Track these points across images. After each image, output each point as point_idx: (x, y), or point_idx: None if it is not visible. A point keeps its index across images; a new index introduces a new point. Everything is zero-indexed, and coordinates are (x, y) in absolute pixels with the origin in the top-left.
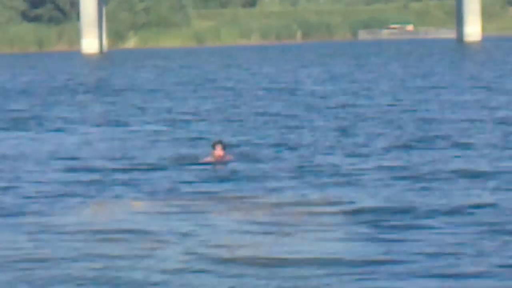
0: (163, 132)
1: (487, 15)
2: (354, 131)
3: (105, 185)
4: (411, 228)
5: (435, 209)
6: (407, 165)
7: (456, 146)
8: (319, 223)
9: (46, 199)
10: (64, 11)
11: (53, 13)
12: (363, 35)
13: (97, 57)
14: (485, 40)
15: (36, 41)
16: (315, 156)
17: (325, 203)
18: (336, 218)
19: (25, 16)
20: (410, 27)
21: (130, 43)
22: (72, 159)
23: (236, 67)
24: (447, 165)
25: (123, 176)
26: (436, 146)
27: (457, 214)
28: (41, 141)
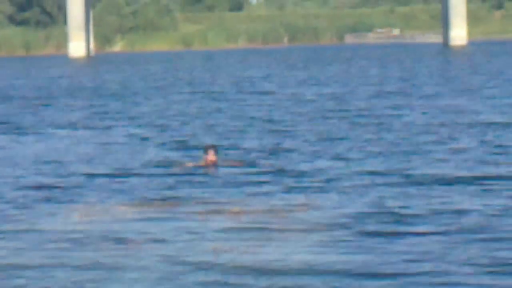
0: (147, 136)
1: (473, 19)
2: (337, 135)
3: (86, 190)
4: (394, 234)
5: (419, 214)
6: (390, 170)
7: (437, 151)
8: (301, 229)
9: (25, 204)
10: (51, 14)
11: (40, 16)
12: (349, 39)
13: (84, 60)
14: (471, 44)
15: (23, 44)
16: (298, 161)
17: (308, 208)
18: (318, 224)
19: (12, 19)
20: (396, 31)
21: (117, 47)
22: (54, 163)
23: (222, 70)
24: (429, 170)
25: (108, 181)
26: (418, 151)
27: (440, 219)
28: (22, 145)
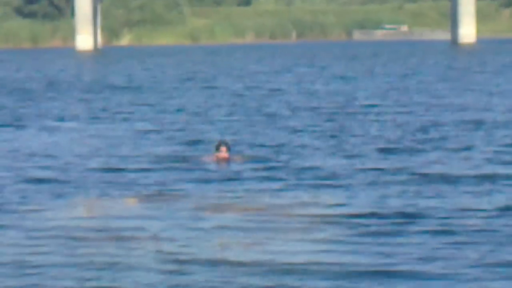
0: (153, 130)
1: (482, 17)
2: (343, 132)
3: (90, 184)
4: (401, 233)
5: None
6: (396, 168)
7: (443, 149)
8: (306, 227)
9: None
10: (59, 7)
11: (47, 9)
12: (357, 35)
13: (91, 53)
14: (479, 42)
15: (31, 37)
16: (305, 157)
17: (312, 206)
18: (325, 222)
19: (19, 12)
20: (404, 28)
21: (125, 40)
22: (57, 156)
23: (229, 66)
24: (435, 168)
25: (113, 175)
26: (424, 149)
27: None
28: (26, 137)
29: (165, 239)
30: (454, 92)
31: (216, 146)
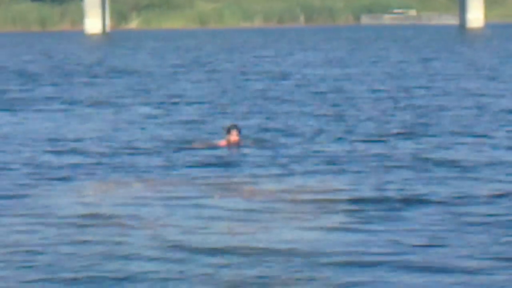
0: (161, 115)
1: (490, 1)
2: (350, 117)
3: (100, 168)
4: (404, 219)
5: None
6: (400, 153)
7: (449, 134)
8: (309, 213)
9: (35, 181)
10: None
11: None
12: (365, 20)
13: (99, 37)
14: (487, 26)
15: (39, 20)
16: (310, 142)
17: (318, 191)
18: (328, 208)
19: None
20: (413, 12)
21: (133, 24)
22: (64, 140)
23: (236, 50)
24: (441, 154)
25: (122, 160)
26: (429, 134)
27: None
28: (34, 121)
29: (170, 224)
30: (460, 76)
31: (227, 129)
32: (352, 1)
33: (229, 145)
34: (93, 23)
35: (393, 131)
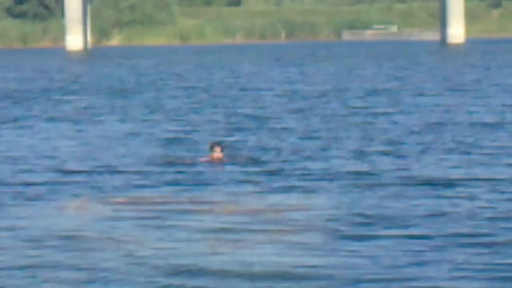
0: (142, 131)
1: (470, 17)
2: (329, 134)
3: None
4: (372, 238)
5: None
6: (372, 170)
7: (429, 151)
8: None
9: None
10: (49, 7)
11: (37, 9)
12: (347, 35)
13: (81, 54)
14: (468, 42)
15: (21, 37)
16: (292, 159)
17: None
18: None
19: (9, 12)
20: (394, 28)
21: (115, 41)
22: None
23: (217, 66)
24: (419, 171)
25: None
26: (403, 152)
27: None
28: (13, 139)
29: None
30: (441, 92)
31: (210, 146)
32: (334, 17)
33: (212, 162)
34: (75, 39)
35: (372, 148)
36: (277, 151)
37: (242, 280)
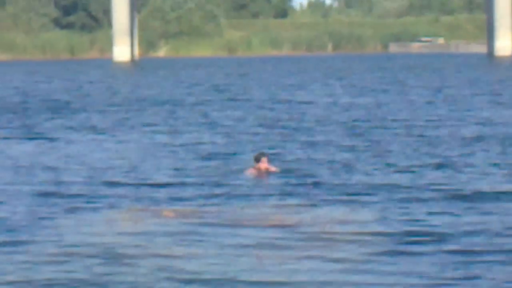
0: (189, 143)
1: None
2: (366, 146)
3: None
4: (417, 253)
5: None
6: (419, 184)
7: (469, 164)
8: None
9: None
10: (97, 18)
11: (85, 20)
12: (394, 48)
13: (128, 65)
14: None
15: (68, 48)
16: (333, 172)
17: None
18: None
19: (57, 23)
20: (441, 40)
21: (162, 52)
22: (82, 169)
23: (264, 78)
24: (459, 185)
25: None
26: (449, 165)
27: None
28: (55, 150)
29: (190, 256)
30: (488, 105)
31: (256, 157)
32: (381, 29)
33: (259, 173)
34: (122, 51)
35: (418, 161)
36: (321, 163)
37: None
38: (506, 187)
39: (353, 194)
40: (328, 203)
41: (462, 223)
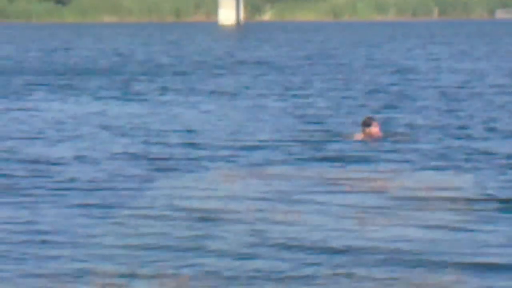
0: (291, 107)
1: None
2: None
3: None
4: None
5: None
6: None
7: None
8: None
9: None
10: None
11: None
12: (500, 14)
13: (233, 28)
14: None
15: (174, 10)
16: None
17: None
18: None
19: None
20: None
21: (267, 16)
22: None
23: (367, 43)
24: None
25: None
26: None
27: None
28: (155, 111)
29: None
30: None
31: (365, 122)
32: None
33: (368, 139)
34: (227, 14)
35: None
36: (423, 128)
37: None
38: None
39: (454, 159)
40: (429, 168)
41: None
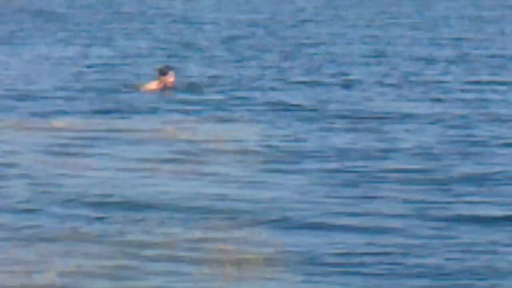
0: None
1: None
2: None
3: None
4: (294, 171)
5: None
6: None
7: None
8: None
9: None
10: None
11: None
12: None
13: None
14: None
15: None
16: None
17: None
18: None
19: None
20: None
21: None
22: None
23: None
24: None
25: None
26: None
27: None
28: None
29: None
30: None
31: (162, 70)
32: None
33: (163, 87)
34: None
35: None
36: (218, 79)
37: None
38: None
39: (243, 111)
40: (220, 120)
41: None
